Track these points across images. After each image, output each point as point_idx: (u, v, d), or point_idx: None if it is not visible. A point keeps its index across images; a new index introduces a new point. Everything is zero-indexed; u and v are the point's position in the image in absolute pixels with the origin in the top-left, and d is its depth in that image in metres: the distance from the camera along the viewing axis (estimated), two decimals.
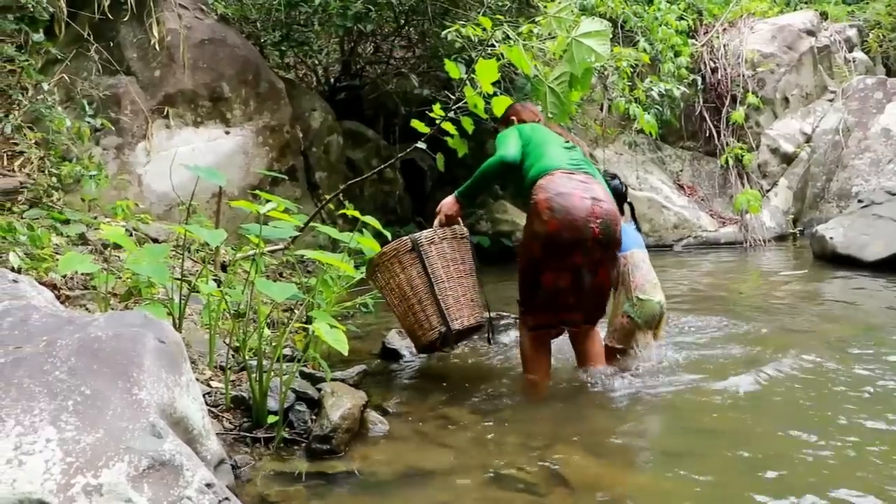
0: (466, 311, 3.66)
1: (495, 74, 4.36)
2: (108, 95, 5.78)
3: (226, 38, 6.54)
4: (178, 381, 2.01)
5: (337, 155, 7.68)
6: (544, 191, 3.30)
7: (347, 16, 7.11)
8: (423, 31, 8.38)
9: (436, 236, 3.69)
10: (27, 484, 1.67)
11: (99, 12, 5.72)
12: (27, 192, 4.79)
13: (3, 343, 2.10)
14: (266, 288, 2.53)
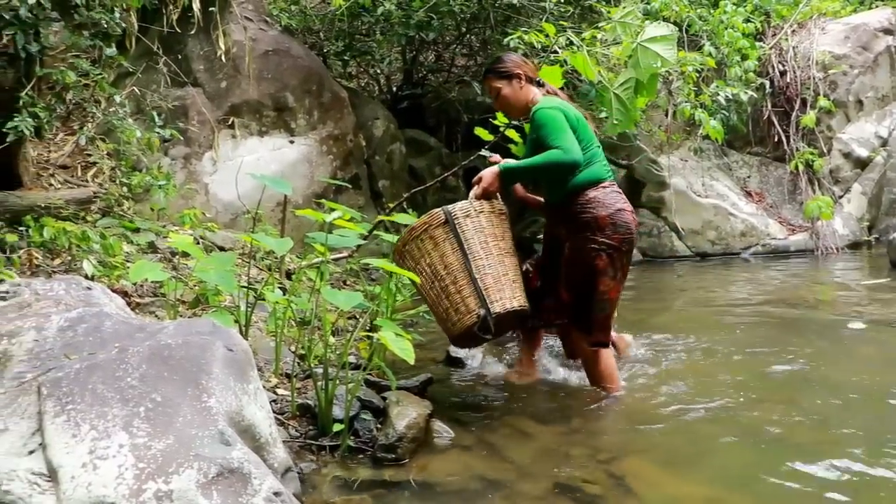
0: (508, 292, 3.22)
1: (559, 81, 4.32)
2: (176, 107, 5.91)
3: (290, 48, 6.62)
4: (246, 389, 2.02)
5: (399, 163, 7.71)
6: (604, 206, 3.30)
7: (410, 25, 7.14)
8: (485, 39, 8.38)
9: (472, 209, 3.28)
10: (101, 488, 1.69)
11: (167, 26, 5.84)
12: (99, 201, 4.92)
13: (77, 349, 2.14)
14: (332, 297, 2.54)
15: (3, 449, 1.87)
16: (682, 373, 3.85)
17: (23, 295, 2.70)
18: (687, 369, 3.91)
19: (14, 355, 2.21)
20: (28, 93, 3.85)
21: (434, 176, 7.79)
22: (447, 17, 7.74)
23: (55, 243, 3.82)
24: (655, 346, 4.37)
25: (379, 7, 7.11)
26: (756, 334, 4.68)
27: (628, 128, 4.54)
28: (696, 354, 4.21)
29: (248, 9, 6.66)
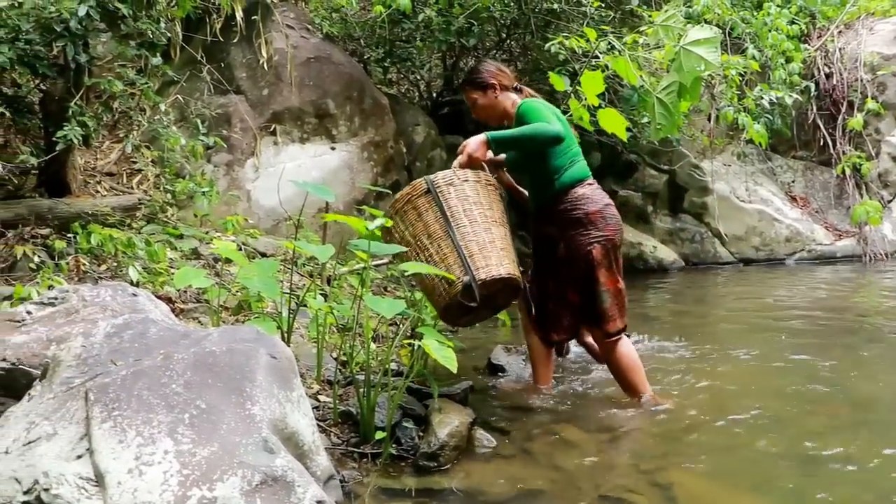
0: (495, 259, 3.12)
1: (601, 86, 4.29)
2: (219, 114, 5.97)
3: (331, 55, 6.66)
4: (290, 397, 2.02)
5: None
6: (593, 202, 3.39)
7: (450, 31, 7.14)
8: (525, 45, 8.35)
9: (456, 177, 3.21)
10: (147, 494, 1.70)
11: (211, 35, 5.92)
12: (144, 208, 4.99)
13: (123, 355, 2.16)
14: (375, 304, 2.54)
15: (53, 453, 1.89)
16: (727, 381, 3.79)
17: (71, 301, 2.74)
18: (732, 378, 3.86)
19: (63, 360, 2.24)
20: (77, 102, 3.92)
21: None
22: (487, 23, 7.72)
23: (102, 250, 3.88)
24: (699, 354, 4.31)
25: (419, 14, 7.11)
26: (802, 342, 4.60)
27: (672, 133, 4.48)
28: (742, 363, 4.14)
29: (290, 17, 6.72)
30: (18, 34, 3.73)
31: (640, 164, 8.92)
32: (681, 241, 8.78)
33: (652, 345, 4.61)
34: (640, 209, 8.86)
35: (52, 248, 3.86)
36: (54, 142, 3.95)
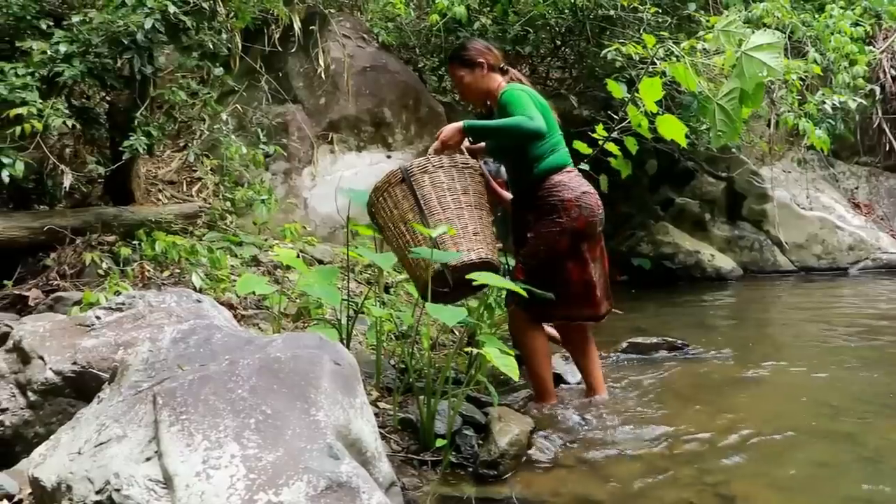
0: (465, 245, 3.16)
1: (659, 93, 4.24)
2: (277, 123, 6.05)
3: (387, 64, 6.71)
4: (353, 403, 2.03)
5: None
6: (569, 189, 3.34)
7: (506, 39, 7.14)
8: (580, 51, 8.31)
9: (430, 164, 3.27)
10: (214, 497, 1.72)
11: (269, 45, 6.01)
12: (204, 215, 5.08)
13: (190, 360, 2.20)
14: (437, 312, 2.54)
15: (123, 455, 1.93)
16: (786, 394, 3.73)
17: (137, 306, 2.80)
18: (791, 390, 3.79)
19: (131, 365, 2.29)
20: (142, 113, 4.01)
21: None
22: (542, 30, 7.71)
23: (165, 256, 3.96)
24: (758, 365, 4.23)
25: (475, 22, 7.13)
26: (867, 354, 4.48)
27: (733, 139, 4.41)
28: (801, 375, 4.05)
29: (346, 26, 6.79)
30: (89, 48, 3.83)
31: (698, 171, 8.81)
32: (739, 250, 8.63)
33: (709, 355, 4.54)
34: (697, 217, 8.74)
35: (117, 254, 3.95)
36: (120, 151, 4.05)
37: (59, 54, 3.78)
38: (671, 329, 5.23)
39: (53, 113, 3.63)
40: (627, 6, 7.02)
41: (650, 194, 8.92)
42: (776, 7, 7.23)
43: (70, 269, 3.92)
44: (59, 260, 3.96)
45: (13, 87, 3.59)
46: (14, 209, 4.16)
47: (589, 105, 7.92)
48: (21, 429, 2.62)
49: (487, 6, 7.42)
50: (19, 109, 3.54)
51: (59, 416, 2.61)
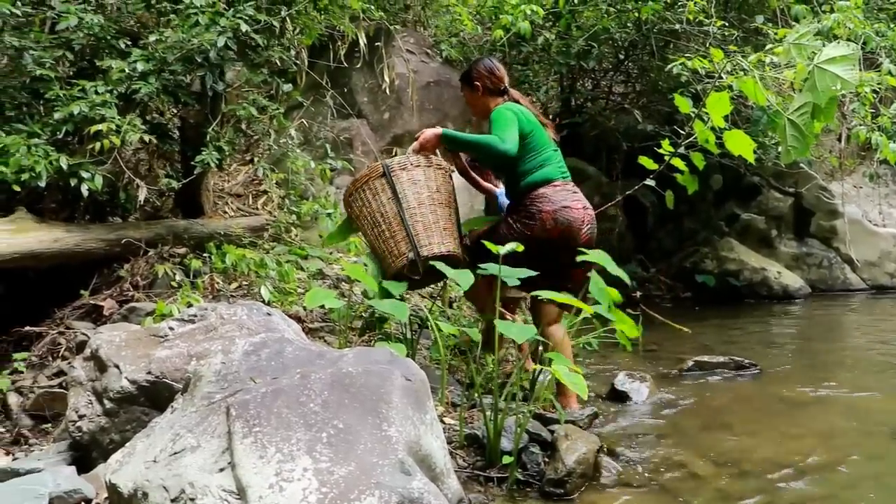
0: (437, 238, 3.49)
1: (728, 108, 4.19)
2: (341, 137, 6.13)
3: (450, 79, 6.74)
4: (424, 419, 2.04)
5: None
6: (550, 202, 3.53)
7: (570, 54, 7.13)
8: (643, 66, 8.24)
9: (408, 163, 3.58)
10: None
11: (335, 61, 6.09)
12: (270, 228, 5.16)
13: (262, 373, 2.24)
14: (506, 329, 2.53)
15: (197, 464, 1.97)
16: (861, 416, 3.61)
17: (209, 318, 2.86)
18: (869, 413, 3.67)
19: (203, 376, 2.33)
20: (214, 128, 4.10)
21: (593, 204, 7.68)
22: (605, 44, 7.67)
23: (234, 269, 4.03)
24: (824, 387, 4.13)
25: (538, 37, 7.13)
26: None
27: (804, 155, 4.31)
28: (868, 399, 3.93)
29: (410, 42, 6.86)
30: (164, 66, 3.94)
31: (764, 186, 8.64)
32: (807, 267, 8.43)
33: (777, 375, 4.44)
34: (763, 233, 8.57)
35: (188, 266, 4.04)
36: (192, 165, 4.14)
37: (136, 72, 3.89)
38: (737, 348, 5.13)
39: (130, 129, 3.73)
40: (693, 20, 6.94)
41: (715, 210, 8.78)
42: (848, 17, 7.06)
43: (143, 280, 4.02)
44: (132, 271, 4.06)
45: (93, 105, 3.71)
46: (90, 221, 4.28)
47: (652, 119, 7.85)
48: (97, 435, 2.69)
49: (550, 21, 7.41)
50: (99, 126, 3.65)
51: (133, 424, 2.67)
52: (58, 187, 3.93)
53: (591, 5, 7.20)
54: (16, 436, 3.21)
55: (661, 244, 8.85)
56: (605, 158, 8.56)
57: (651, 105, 8.14)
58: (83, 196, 3.84)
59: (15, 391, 3.42)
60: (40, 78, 4.02)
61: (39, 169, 3.62)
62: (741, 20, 7.46)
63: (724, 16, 7.22)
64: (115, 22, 4.30)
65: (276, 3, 4.38)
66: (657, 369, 4.59)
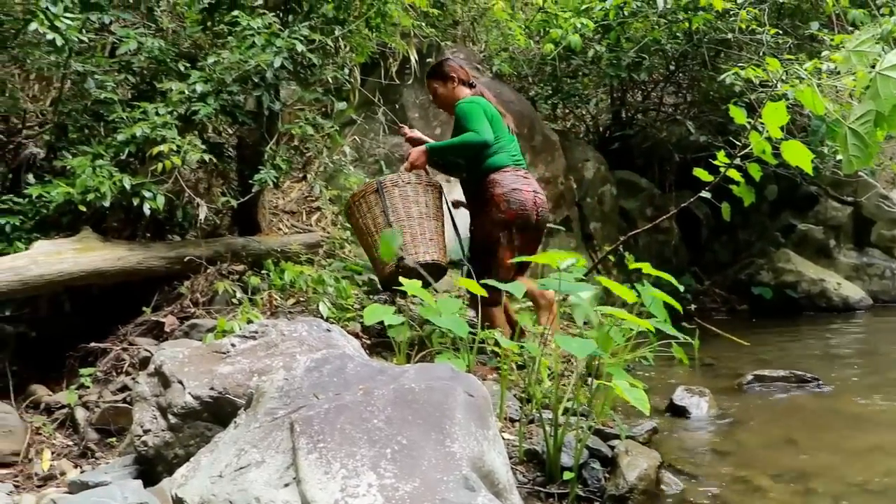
0: (423, 248, 3.93)
1: (784, 118, 4.12)
2: (393, 154, 6.17)
3: (501, 93, 6.73)
4: (486, 435, 2.04)
5: (611, 205, 7.64)
6: (500, 186, 3.96)
7: (621, 66, 7.09)
8: (694, 76, 8.17)
9: (400, 180, 4.04)
10: None
11: (386, 78, 6.15)
12: (324, 245, 5.21)
13: (324, 389, 2.26)
14: (566, 344, 2.52)
15: (262, 480, 1.99)
16: None
17: (270, 335, 2.90)
18: None
19: (266, 392, 2.36)
20: (271, 147, 4.17)
21: (645, 217, 7.65)
22: (656, 55, 7.62)
23: (292, 286, 4.08)
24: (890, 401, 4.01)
25: (589, 50, 7.12)
26: None
27: (867, 164, 4.21)
28: None
29: (460, 57, 6.88)
30: (222, 87, 4.02)
31: (822, 195, 8.48)
32: (868, 278, 8.23)
33: (840, 389, 4.34)
34: (821, 243, 8.40)
35: (247, 283, 4.10)
36: (249, 184, 4.21)
37: (195, 93, 3.98)
38: (797, 361, 5.02)
39: (190, 149, 3.81)
40: (745, 28, 6.86)
41: (770, 220, 8.63)
42: None
43: (202, 297, 4.09)
44: (192, 288, 4.14)
45: (155, 126, 3.80)
46: (150, 240, 4.37)
47: (704, 130, 7.77)
48: (162, 449, 2.74)
49: (600, 33, 7.39)
50: (161, 146, 3.74)
51: (196, 439, 2.71)
52: (120, 207, 4.03)
53: (642, 17, 7.16)
54: (83, 449, 3.28)
55: (715, 256, 8.73)
56: (657, 170, 8.49)
57: (702, 115, 8.06)
58: (145, 215, 3.93)
59: (82, 405, 3.50)
60: (103, 101, 4.13)
61: (104, 189, 3.72)
62: (795, 27, 7.36)
63: (777, 23, 7.12)
64: (174, 45, 4.41)
65: (330, 22, 4.44)
66: (716, 383, 4.51)
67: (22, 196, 4.08)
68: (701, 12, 6.74)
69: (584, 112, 9.26)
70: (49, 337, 4.23)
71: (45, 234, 4.03)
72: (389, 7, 4.69)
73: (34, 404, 3.63)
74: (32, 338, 4.28)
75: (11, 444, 3.28)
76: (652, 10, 6.97)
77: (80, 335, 3.98)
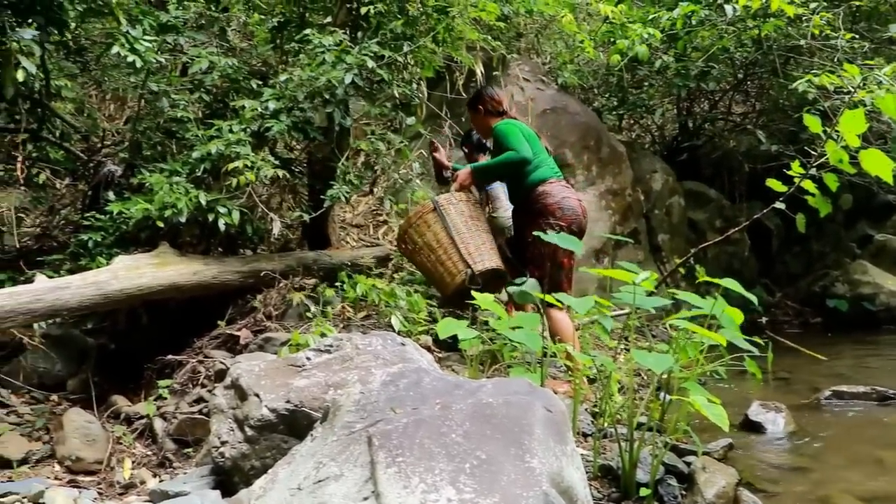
0: (486, 256, 4.15)
1: (863, 126, 4.01)
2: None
3: (567, 106, 6.74)
4: (565, 451, 2.03)
5: (679, 216, 7.53)
6: (551, 196, 4.16)
7: (689, 76, 7.00)
8: (763, 84, 8.02)
9: (452, 198, 4.26)
10: None
11: (452, 91, 6.18)
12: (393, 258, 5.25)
13: (402, 403, 2.27)
14: (643, 359, 2.49)
15: (341, 493, 2.01)
16: None
17: (345, 349, 2.93)
18: None
19: (343, 405, 2.38)
20: (343, 162, 4.23)
21: (714, 228, 7.52)
22: (724, 64, 7.50)
23: (364, 299, 4.12)
24: None
25: (656, 60, 7.05)
26: None
27: None
28: None
29: (525, 70, 6.89)
30: (294, 103, 4.10)
31: None
32: None
33: None
34: None
35: (320, 296, 4.15)
36: (321, 199, 4.27)
37: (267, 111, 4.06)
38: (878, 376, 4.87)
39: (264, 165, 3.89)
40: (818, 34, 6.70)
41: (845, 230, 8.40)
42: None
43: (275, 311, 4.16)
44: (265, 301, 4.21)
45: (229, 143, 3.89)
46: (223, 254, 4.47)
47: (774, 139, 7.61)
48: (239, 461, 2.78)
49: (666, 43, 7.31)
50: (235, 163, 3.82)
51: (273, 451, 2.75)
52: (195, 222, 4.12)
53: (709, 25, 7.06)
54: (161, 458, 3.36)
55: (787, 267, 8.53)
56: (725, 180, 8.34)
57: (772, 124, 7.90)
58: (219, 230, 4.01)
59: (160, 416, 3.59)
60: (177, 119, 4.25)
61: (181, 205, 3.82)
62: (871, 30, 7.17)
63: (852, 27, 6.94)
64: (246, 63, 4.51)
65: (399, 38, 4.49)
66: (791, 399, 4.40)
67: (103, 213, 4.21)
68: (772, 19, 6.61)
69: (649, 122, 9.16)
70: (127, 349, 4.37)
71: (125, 250, 4.15)
72: (457, 22, 4.72)
73: (115, 414, 3.74)
74: (112, 350, 4.42)
75: (95, 452, 3.39)
76: (720, 19, 6.85)
77: (157, 347, 4.09)
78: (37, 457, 3.39)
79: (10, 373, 4.00)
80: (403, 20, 4.51)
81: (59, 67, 5.01)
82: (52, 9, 3.82)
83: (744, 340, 3.14)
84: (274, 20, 5.28)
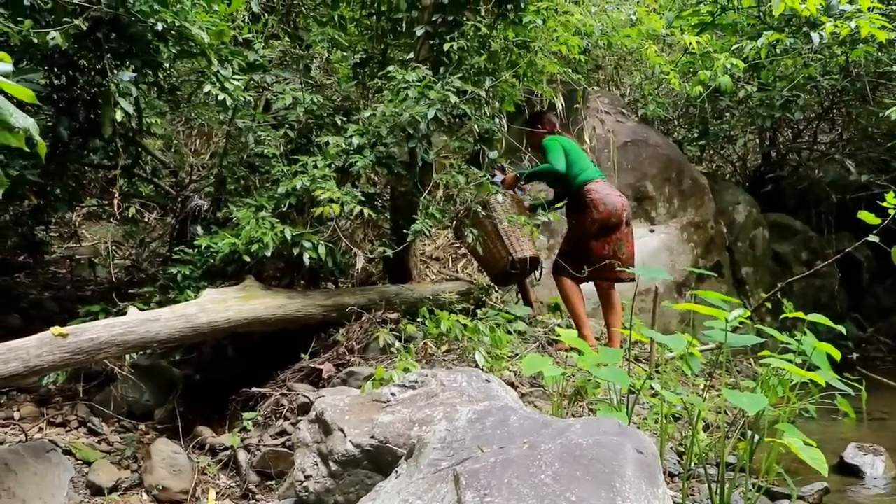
0: (526, 245, 4.96)
1: None
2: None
3: (647, 138, 6.67)
4: (657, 494, 1.98)
5: (763, 249, 7.35)
6: (597, 193, 4.83)
7: (773, 105, 6.85)
8: (850, 112, 7.79)
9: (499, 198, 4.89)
10: None
11: None
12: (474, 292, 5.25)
13: (488, 442, 2.25)
14: (736, 399, 2.42)
15: None
16: None
17: (430, 385, 2.92)
18: None
19: (428, 443, 2.37)
20: (426, 197, 4.26)
21: (800, 261, 7.31)
22: (810, 93, 7.33)
23: (446, 334, 4.12)
24: None
25: (739, 91, 6.93)
26: None
27: None
28: None
29: (605, 102, 6.86)
30: (378, 139, 4.16)
31: None
32: None
33: None
34: None
35: (402, 331, 4.17)
36: (403, 233, 4.30)
37: (351, 146, 4.13)
38: None
39: (349, 200, 3.94)
40: None
41: None
42: None
43: (357, 345, 4.19)
44: (347, 335, 4.25)
45: (314, 178, 3.96)
46: (306, 288, 4.53)
47: (863, 168, 7.36)
48: (323, 496, 2.79)
49: (749, 72, 7.18)
50: (322, 194, 3.89)
51: (356, 487, 2.75)
52: (280, 256, 4.20)
53: (794, 54, 6.91)
54: (245, 490, 3.40)
55: (878, 301, 8.20)
56: (812, 211, 8.10)
57: (860, 153, 7.66)
58: (304, 264, 4.08)
59: (243, 448, 3.64)
60: (261, 154, 4.35)
61: (267, 240, 3.90)
62: None
63: None
64: (329, 100, 4.60)
65: (480, 73, 4.52)
66: (889, 440, 4.20)
67: (191, 246, 4.32)
68: (861, 45, 6.42)
69: (730, 153, 8.99)
70: (212, 380, 4.45)
71: (212, 283, 4.25)
72: (538, 56, 4.74)
73: (200, 445, 3.81)
74: (197, 381, 4.51)
75: (181, 482, 3.46)
76: (806, 47, 6.70)
77: (241, 379, 4.16)
78: (126, 485, 3.48)
79: (102, 402, 4.13)
80: (485, 56, 4.54)
81: (151, 106, 5.21)
82: (149, 51, 3.97)
83: (839, 380, 3.02)
84: (356, 57, 5.39)
